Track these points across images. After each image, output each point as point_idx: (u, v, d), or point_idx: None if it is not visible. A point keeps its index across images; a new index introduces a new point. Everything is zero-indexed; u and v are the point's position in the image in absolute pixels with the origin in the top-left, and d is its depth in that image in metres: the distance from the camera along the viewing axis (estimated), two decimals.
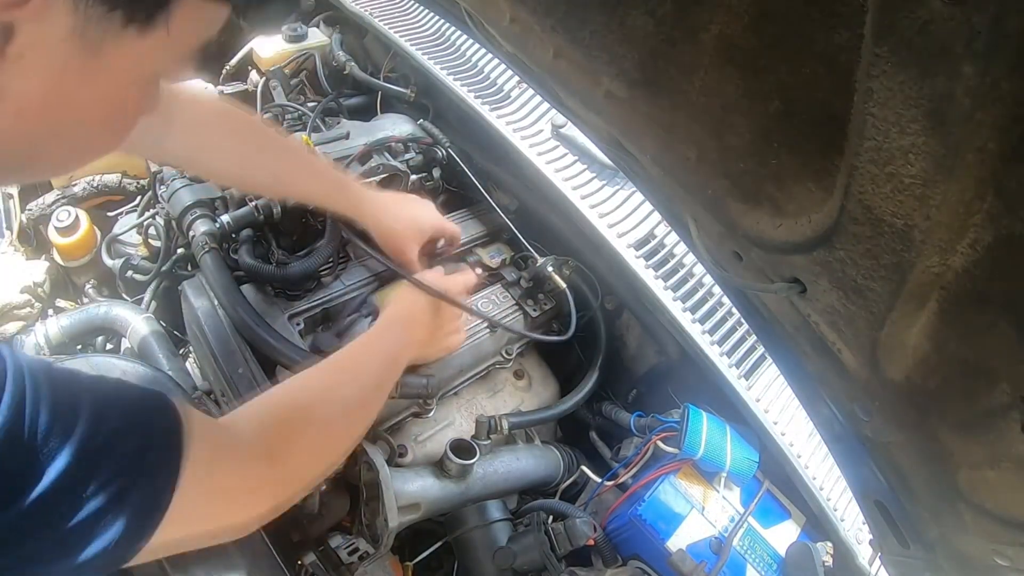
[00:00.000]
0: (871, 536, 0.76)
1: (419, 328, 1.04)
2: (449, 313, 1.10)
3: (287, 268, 1.16)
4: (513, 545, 1.03)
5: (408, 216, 1.19)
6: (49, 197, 1.58)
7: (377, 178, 1.37)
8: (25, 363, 0.45)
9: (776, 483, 1.19)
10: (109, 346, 1.42)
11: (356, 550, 1.02)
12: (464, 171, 1.48)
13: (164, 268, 1.40)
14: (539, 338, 1.27)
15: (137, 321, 1.33)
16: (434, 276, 1.12)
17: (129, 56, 0.45)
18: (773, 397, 1.18)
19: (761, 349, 1.19)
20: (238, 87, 1.78)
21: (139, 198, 1.64)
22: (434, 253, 1.29)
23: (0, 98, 0.41)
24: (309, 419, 0.75)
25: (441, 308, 1.08)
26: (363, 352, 0.93)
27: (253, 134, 1.08)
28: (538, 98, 1.48)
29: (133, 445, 0.50)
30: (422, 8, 1.76)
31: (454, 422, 1.19)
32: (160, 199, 1.37)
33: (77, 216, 1.50)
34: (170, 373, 1.23)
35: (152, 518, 0.50)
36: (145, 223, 1.50)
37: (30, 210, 1.58)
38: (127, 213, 1.63)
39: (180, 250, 1.38)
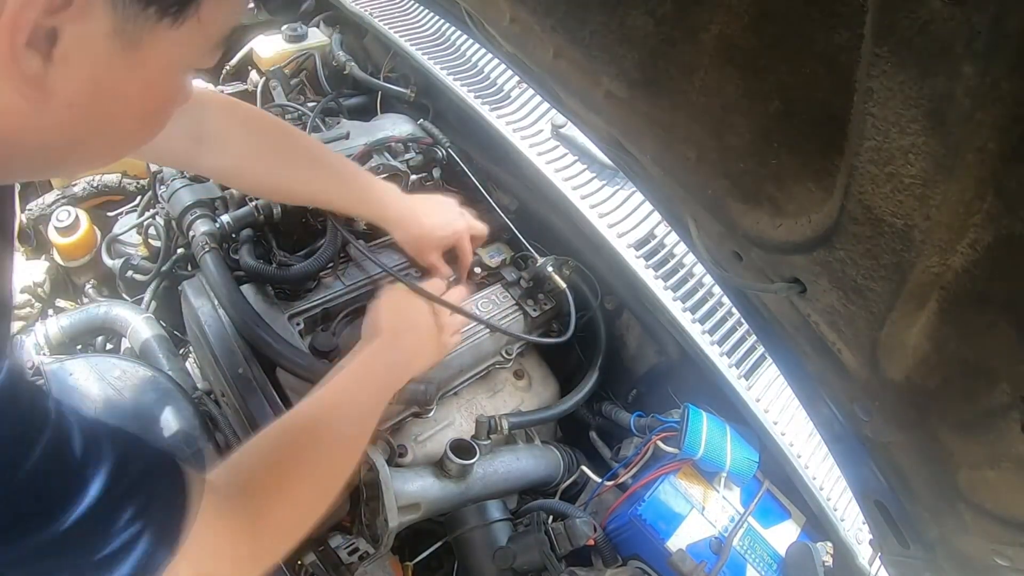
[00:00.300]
0: (871, 536, 0.76)
1: (421, 334, 1.03)
2: (445, 313, 1.10)
3: (288, 270, 1.16)
4: (513, 545, 1.03)
5: (429, 223, 1.20)
6: (49, 197, 1.58)
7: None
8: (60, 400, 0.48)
9: (776, 483, 1.19)
10: (109, 346, 1.42)
11: (356, 550, 1.02)
12: (464, 171, 1.48)
13: (164, 268, 1.40)
14: (537, 340, 1.27)
15: (137, 321, 1.33)
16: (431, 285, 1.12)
17: (165, 47, 0.47)
18: (773, 397, 1.17)
19: (761, 349, 1.19)
20: (238, 87, 1.79)
21: (139, 198, 1.64)
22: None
23: (50, 97, 0.43)
24: (295, 464, 0.73)
25: (437, 309, 1.08)
26: (358, 379, 0.90)
27: (284, 144, 1.08)
28: (538, 98, 1.48)
29: (149, 493, 0.52)
30: (422, 8, 1.76)
31: (454, 422, 1.19)
32: (160, 199, 1.37)
33: (77, 216, 1.50)
34: (170, 373, 1.23)
35: (164, 558, 0.52)
36: (145, 223, 1.50)
37: (30, 210, 1.58)
38: (127, 213, 1.63)
39: (180, 250, 1.38)
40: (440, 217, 1.22)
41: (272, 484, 0.70)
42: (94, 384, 1.12)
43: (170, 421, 1.10)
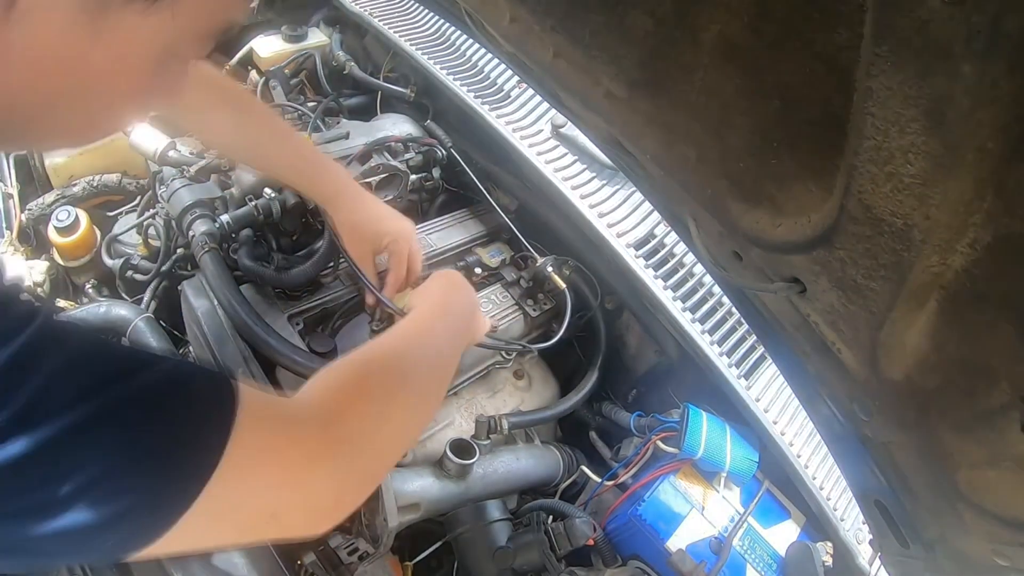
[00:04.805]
0: (871, 536, 0.76)
1: (472, 297, 1.01)
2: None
3: (286, 274, 1.16)
4: (512, 545, 1.03)
5: (371, 213, 1.13)
6: (49, 197, 1.58)
7: (377, 178, 1.37)
8: (59, 328, 0.42)
9: (776, 483, 1.19)
10: None
11: (356, 550, 1.02)
12: (464, 171, 1.48)
13: (164, 268, 1.40)
14: (528, 347, 1.25)
15: (137, 321, 1.33)
16: None
17: (133, 34, 0.45)
18: (773, 397, 1.18)
19: (761, 349, 1.19)
20: None
21: (139, 198, 1.64)
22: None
23: (10, 51, 0.41)
24: (369, 379, 0.67)
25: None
26: (434, 316, 0.89)
27: (239, 101, 1.05)
28: (538, 98, 1.48)
29: (169, 410, 0.45)
30: (422, 8, 1.76)
31: (454, 422, 1.19)
32: (160, 199, 1.37)
33: (77, 216, 1.50)
34: None
35: (176, 494, 0.44)
36: (145, 223, 1.50)
37: (30, 210, 1.58)
38: (127, 213, 1.63)
39: (180, 250, 1.38)
40: (386, 213, 1.15)
41: (367, 398, 0.64)
42: None
43: None
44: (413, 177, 1.45)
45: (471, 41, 1.63)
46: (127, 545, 0.44)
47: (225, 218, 1.19)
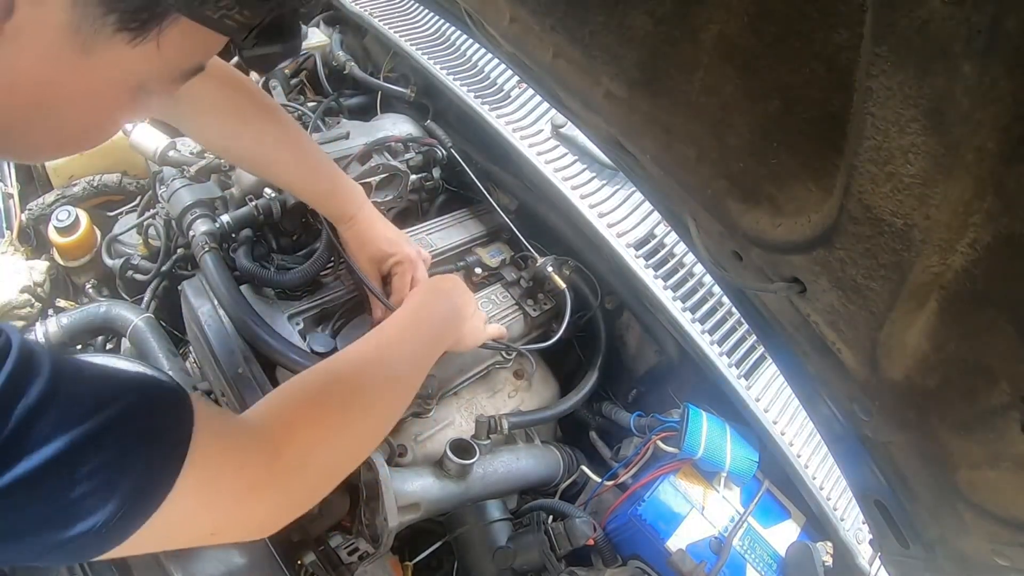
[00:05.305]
0: (871, 536, 0.76)
1: (468, 303, 1.05)
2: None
3: (284, 275, 1.16)
4: (513, 544, 1.03)
5: (381, 231, 1.17)
6: (49, 197, 1.58)
7: (377, 178, 1.37)
8: (33, 346, 0.45)
9: (776, 483, 1.19)
10: (109, 346, 1.42)
11: (356, 550, 1.02)
12: (464, 171, 1.48)
13: (164, 268, 1.41)
14: (523, 348, 1.25)
15: (137, 321, 1.33)
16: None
17: (117, 62, 0.46)
18: (773, 397, 1.18)
19: (761, 349, 1.19)
20: None
21: (139, 198, 1.64)
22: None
23: None
24: (320, 401, 0.70)
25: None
26: (413, 322, 0.91)
27: (255, 111, 1.03)
28: (538, 98, 1.48)
29: (136, 434, 0.50)
30: (422, 8, 1.76)
31: (454, 422, 1.19)
32: (160, 199, 1.37)
33: (77, 216, 1.50)
34: (170, 373, 1.23)
35: (144, 507, 0.49)
36: (145, 223, 1.50)
37: (30, 210, 1.58)
38: (127, 213, 1.64)
39: (180, 250, 1.39)
40: (395, 237, 1.18)
41: (315, 424, 0.66)
42: None
43: None
44: (413, 177, 1.45)
45: (471, 41, 1.63)
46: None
47: (225, 218, 1.19)
